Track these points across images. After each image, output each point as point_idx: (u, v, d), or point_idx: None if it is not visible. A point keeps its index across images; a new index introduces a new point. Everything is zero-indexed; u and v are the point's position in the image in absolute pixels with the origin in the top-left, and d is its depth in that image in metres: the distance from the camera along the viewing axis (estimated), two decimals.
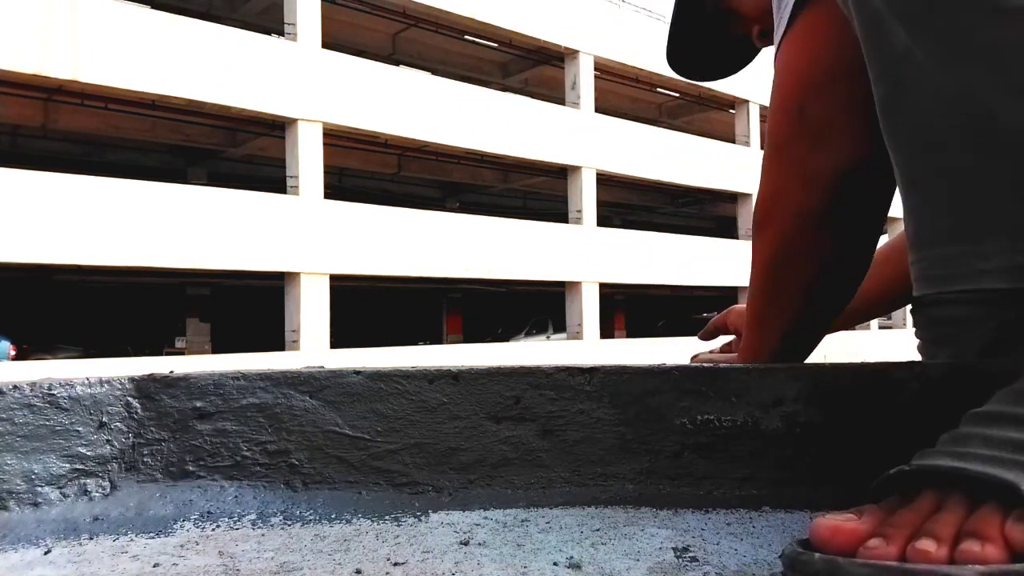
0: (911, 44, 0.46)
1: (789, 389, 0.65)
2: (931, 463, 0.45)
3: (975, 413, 0.48)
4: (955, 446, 0.46)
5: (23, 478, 0.59)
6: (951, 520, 0.42)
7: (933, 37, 0.45)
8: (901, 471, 0.46)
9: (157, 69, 9.24)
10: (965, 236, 0.47)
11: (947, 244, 0.48)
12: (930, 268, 0.49)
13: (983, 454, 0.43)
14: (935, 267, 0.49)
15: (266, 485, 0.63)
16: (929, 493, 0.45)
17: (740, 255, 15.73)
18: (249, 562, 0.52)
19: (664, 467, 0.65)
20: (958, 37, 0.44)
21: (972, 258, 0.47)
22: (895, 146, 0.50)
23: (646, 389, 0.66)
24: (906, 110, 0.48)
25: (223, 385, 0.64)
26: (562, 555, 0.52)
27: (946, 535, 0.40)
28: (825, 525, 0.43)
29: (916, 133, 0.48)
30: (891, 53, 0.47)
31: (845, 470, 0.63)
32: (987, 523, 0.40)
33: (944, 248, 0.48)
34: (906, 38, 0.46)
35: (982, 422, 0.46)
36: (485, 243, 11.90)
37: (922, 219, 0.50)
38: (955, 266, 0.48)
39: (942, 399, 0.63)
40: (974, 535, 0.40)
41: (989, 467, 0.42)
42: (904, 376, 0.65)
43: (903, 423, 0.63)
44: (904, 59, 0.47)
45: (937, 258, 0.49)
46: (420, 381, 0.66)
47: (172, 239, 9.38)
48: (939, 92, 0.46)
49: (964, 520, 0.41)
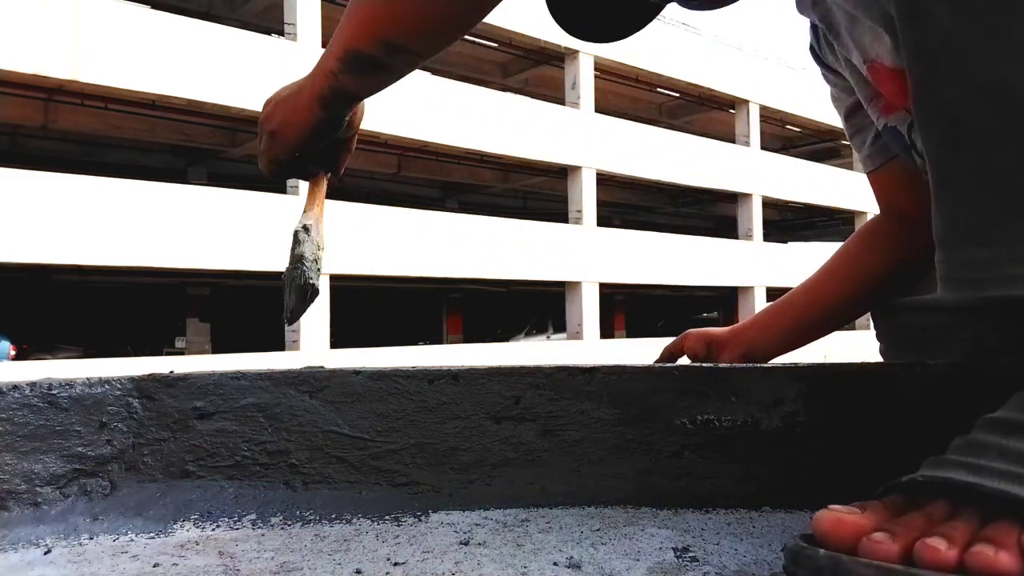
0: (953, 30, 0.44)
1: (789, 389, 0.65)
2: (945, 475, 0.44)
3: (991, 419, 0.46)
4: (970, 456, 0.44)
5: (23, 478, 0.59)
6: (963, 528, 0.40)
7: (984, 26, 0.43)
8: (914, 481, 0.45)
9: (157, 69, 9.24)
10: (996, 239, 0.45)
11: (975, 246, 0.46)
12: (954, 270, 0.47)
13: (1000, 468, 0.42)
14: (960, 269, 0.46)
15: (266, 485, 0.63)
16: (941, 503, 0.43)
17: (740, 255, 15.73)
18: (249, 562, 0.52)
19: (664, 467, 0.65)
20: (1012, 28, 0.42)
21: (1005, 262, 0.44)
22: (927, 138, 0.48)
23: (646, 389, 0.66)
24: (941, 100, 0.46)
25: (223, 385, 0.64)
26: (562, 555, 0.52)
27: (958, 539, 0.39)
28: (828, 517, 0.42)
29: (951, 126, 0.46)
30: (931, 37, 0.45)
31: (845, 470, 0.63)
32: (1003, 533, 0.39)
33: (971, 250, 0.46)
34: (949, 23, 0.44)
35: (998, 431, 0.44)
36: (485, 243, 11.89)
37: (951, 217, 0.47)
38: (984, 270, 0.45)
39: (943, 399, 0.63)
40: (988, 541, 0.38)
41: (1005, 483, 0.41)
42: (904, 376, 0.65)
43: (903, 423, 0.63)
44: (944, 45, 0.44)
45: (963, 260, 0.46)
46: (420, 381, 0.66)
47: (172, 239, 9.38)
48: (979, 85, 0.44)
49: (977, 530, 0.40)
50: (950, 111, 0.46)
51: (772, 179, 16.39)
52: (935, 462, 0.45)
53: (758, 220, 16.29)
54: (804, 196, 17.28)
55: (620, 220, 18.70)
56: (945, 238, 0.48)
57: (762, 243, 16.38)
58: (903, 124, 0.83)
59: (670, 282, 14.86)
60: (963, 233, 0.47)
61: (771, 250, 16.69)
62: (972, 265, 0.46)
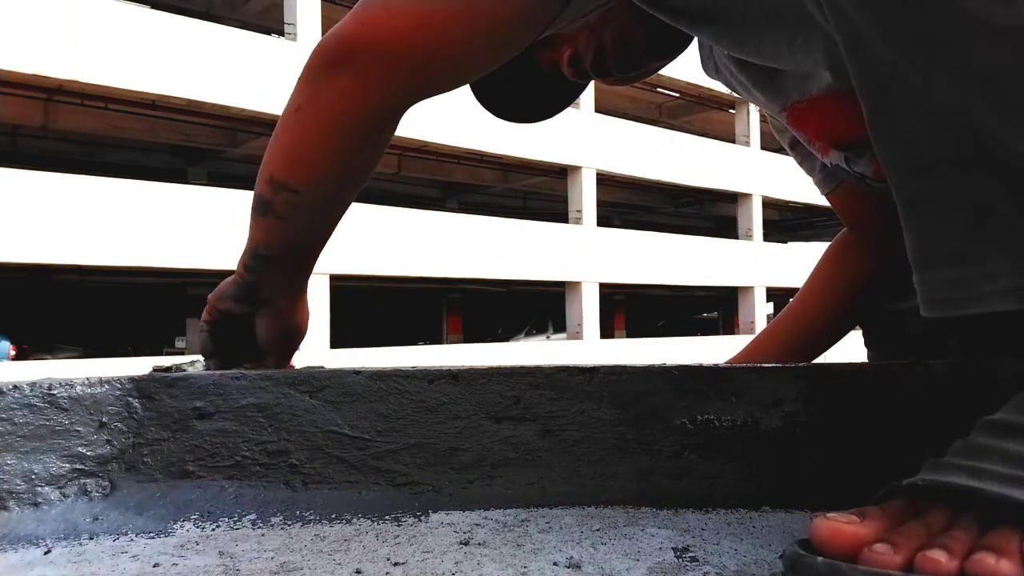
0: (896, 60, 0.44)
1: (789, 389, 0.65)
2: (946, 480, 0.43)
3: (992, 422, 0.45)
4: (970, 460, 0.43)
5: (23, 478, 0.59)
6: (963, 537, 0.40)
7: (921, 55, 0.43)
8: (914, 485, 0.44)
9: (157, 69, 9.24)
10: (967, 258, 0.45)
11: (950, 267, 0.46)
12: (934, 292, 0.47)
13: (1001, 472, 0.41)
14: (939, 291, 0.47)
15: (266, 485, 0.63)
16: (941, 508, 0.43)
17: (740, 255, 15.73)
18: (249, 562, 0.52)
19: (664, 467, 0.65)
20: (949, 56, 0.42)
21: (979, 280, 0.44)
22: (887, 163, 0.48)
23: (646, 389, 0.66)
24: (895, 128, 0.46)
25: (223, 385, 0.64)
26: (562, 555, 0.52)
27: (958, 550, 0.39)
28: (826, 526, 0.41)
29: (908, 152, 0.46)
30: (875, 69, 0.45)
31: (845, 470, 0.63)
32: (1004, 540, 0.39)
33: (947, 271, 0.46)
34: (890, 55, 0.44)
35: (998, 433, 0.44)
36: (485, 243, 11.90)
37: (920, 240, 0.47)
38: (961, 290, 0.45)
39: (943, 399, 0.63)
40: (989, 549, 0.38)
41: (1007, 488, 0.40)
42: (904, 376, 0.65)
43: (903, 423, 0.63)
44: (890, 74, 0.45)
45: (939, 282, 0.47)
46: (420, 381, 0.66)
47: (172, 239, 9.38)
48: (930, 111, 0.44)
49: (977, 538, 0.40)
50: (905, 136, 0.46)
51: (772, 179, 16.38)
52: (935, 465, 0.45)
53: (758, 220, 16.30)
54: (804, 196, 17.27)
55: (620, 220, 18.70)
56: (918, 260, 0.48)
57: (762, 243, 16.39)
58: (841, 160, 0.84)
59: (670, 282, 14.86)
60: (934, 256, 0.47)
61: (771, 250, 16.70)
62: (948, 287, 0.46)
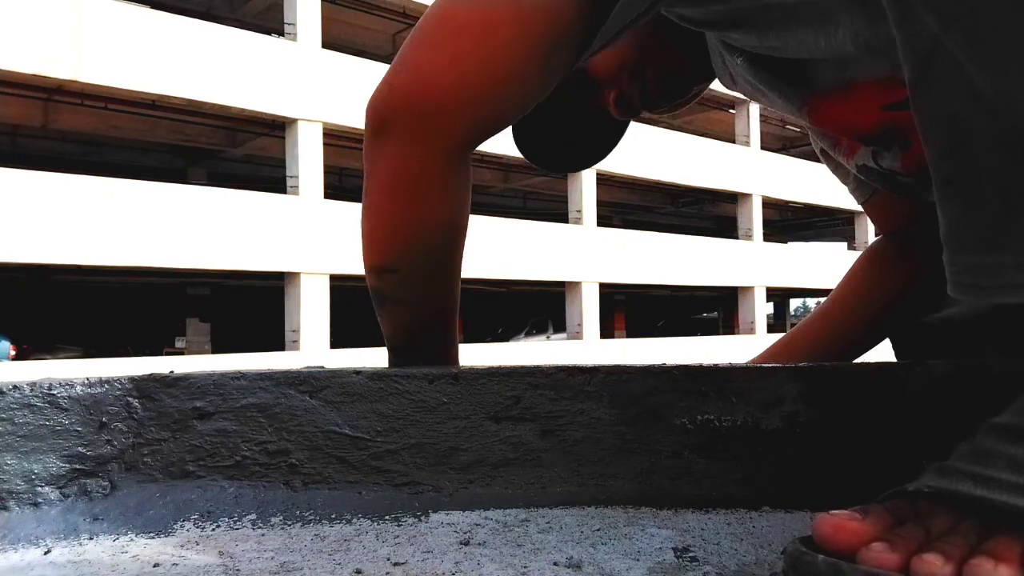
0: (941, 35, 0.43)
1: (789, 389, 0.65)
2: (952, 488, 0.43)
3: (998, 425, 0.44)
4: (977, 465, 0.43)
5: (23, 478, 0.59)
6: (963, 543, 0.40)
7: (964, 34, 0.42)
8: (919, 492, 0.44)
9: (157, 69, 9.25)
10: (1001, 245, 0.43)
11: (981, 252, 0.44)
12: (963, 275, 0.45)
13: (1008, 480, 0.41)
14: (968, 275, 0.45)
15: (266, 485, 0.63)
16: (944, 511, 0.43)
17: (740, 255, 15.73)
18: (249, 562, 0.52)
19: (664, 467, 0.65)
20: (993, 37, 0.41)
21: (1009, 270, 0.43)
22: (927, 139, 0.46)
23: (646, 389, 0.66)
24: (936, 100, 0.45)
25: (223, 385, 0.64)
26: (562, 555, 0.52)
27: (956, 555, 0.39)
28: (828, 522, 0.41)
29: (947, 128, 0.45)
30: (920, 40, 0.44)
31: (845, 470, 0.63)
32: (1005, 547, 0.38)
33: (978, 256, 0.44)
34: (936, 28, 0.43)
35: (1005, 438, 0.43)
36: (485, 243, 11.89)
37: (955, 220, 0.46)
38: (991, 277, 0.44)
39: (943, 399, 0.63)
40: (988, 555, 0.38)
41: (1013, 497, 0.40)
42: (904, 376, 0.65)
43: (904, 423, 0.63)
44: (935, 49, 0.43)
45: (969, 266, 0.45)
46: (420, 381, 0.66)
47: (172, 239, 9.39)
48: (972, 90, 0.43)
49: (977, 543, 0.40)
50: (945, 110, 0.45)
51: (772, 179, 16.39)
52: (941, 470, 0.44)
53: (758, 220, 16.30)
54: (804, 196, 17.27)
55: (620, 220, 18.70)
56: (951, 240, 0.46)
57: (762, 243, 16.39)
58: (869, 158, 0.81)
59: (670, 282, 14.86)
60: (968, 237, 0.45)
61: (771, 250, 16.70)
62: (978, 271, 0.45)
